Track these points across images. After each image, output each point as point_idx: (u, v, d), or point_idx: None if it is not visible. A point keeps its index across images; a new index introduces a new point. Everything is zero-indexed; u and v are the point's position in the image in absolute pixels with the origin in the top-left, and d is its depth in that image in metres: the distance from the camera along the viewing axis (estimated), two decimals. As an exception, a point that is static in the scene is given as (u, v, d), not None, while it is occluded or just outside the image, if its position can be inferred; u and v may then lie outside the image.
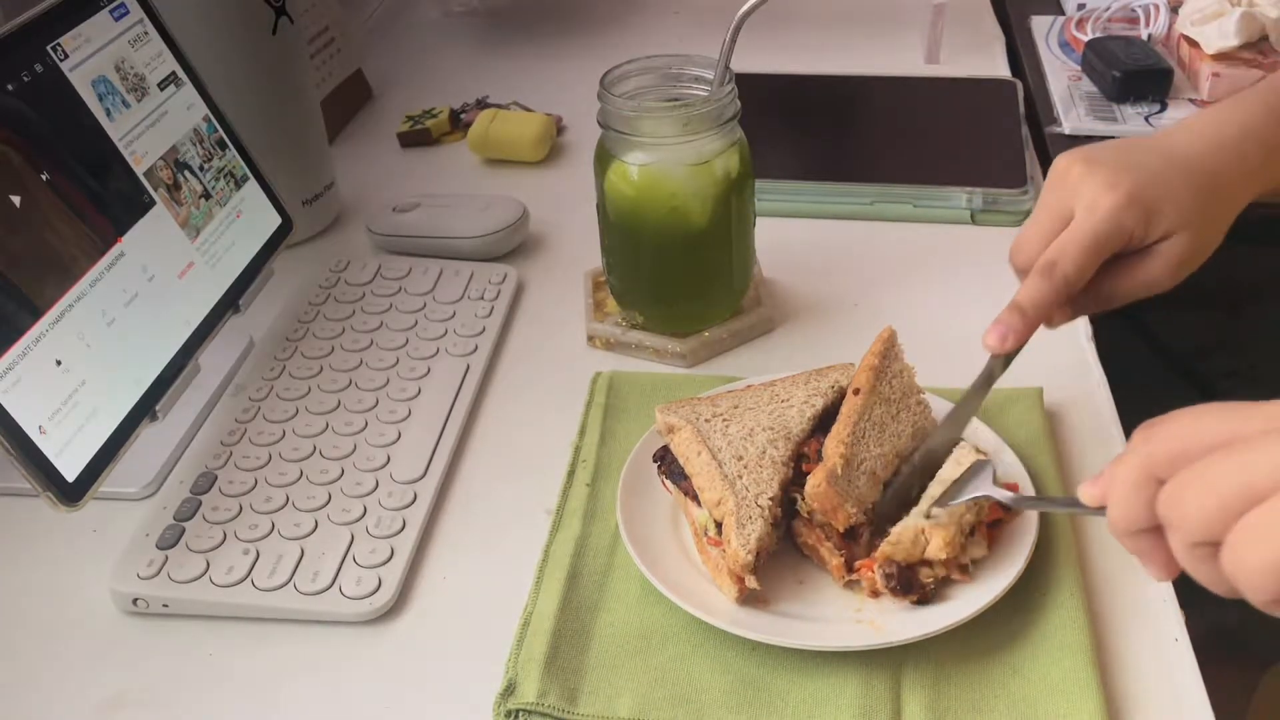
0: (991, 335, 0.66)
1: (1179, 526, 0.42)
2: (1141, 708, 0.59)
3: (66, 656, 0.65)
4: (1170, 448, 0.43)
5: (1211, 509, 0.41)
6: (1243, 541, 0.40)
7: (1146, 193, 0.66)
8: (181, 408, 0.77)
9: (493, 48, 1.39)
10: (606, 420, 0.78)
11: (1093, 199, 0.66)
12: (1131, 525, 0.45)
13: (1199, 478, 0.42)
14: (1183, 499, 0.42)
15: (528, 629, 0.63)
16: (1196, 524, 0.41)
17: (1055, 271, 0.66)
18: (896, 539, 0.61)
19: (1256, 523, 0.39)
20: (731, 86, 0.79)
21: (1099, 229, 0.65)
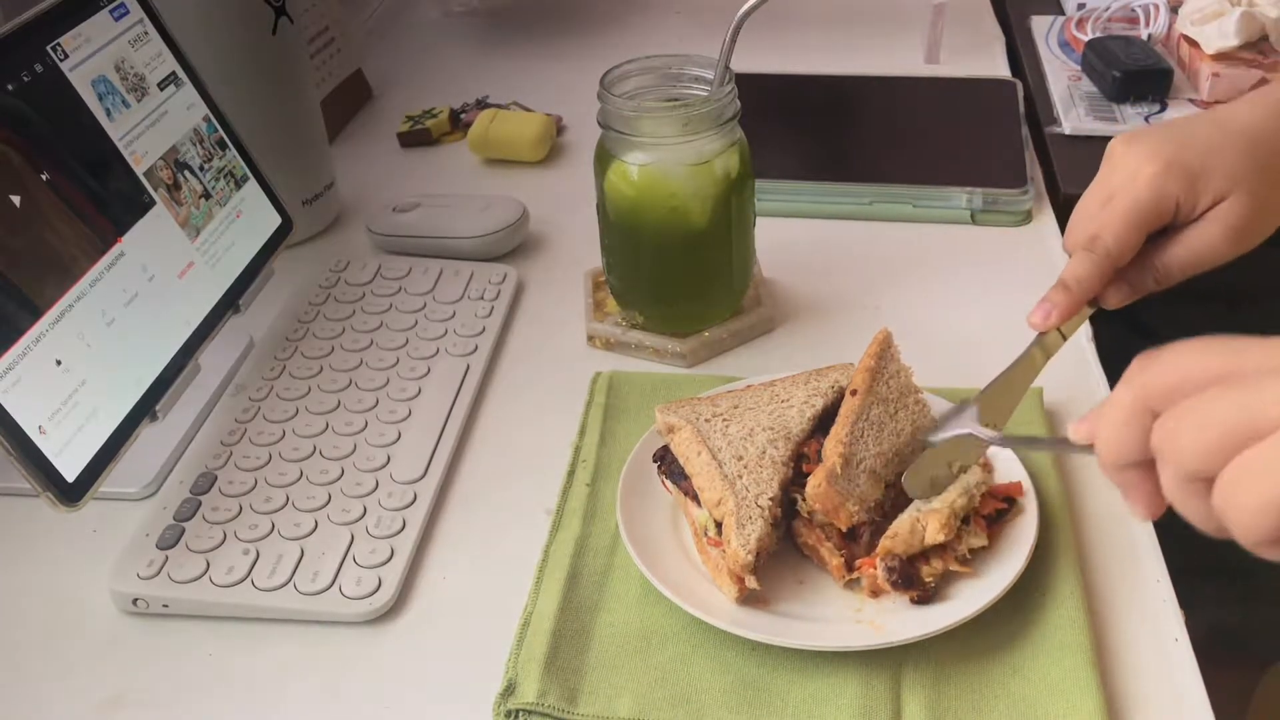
0: (1036, 313, 0.65)
1: (1173, 459, 0.42)
2: (1141, 708, 0.59)
3: (66, 656, 0.65)
4: (1167, 380, 0.42)
5: (1208, 443, 0.40)
6: (1237, 478, 0.39)
7: (1190, 158, 0.64)
8: (181, 408, 0.77)
9: (493, 48, 1.39)
10: (606, 420, 0.78)
11: (1134, 171, 0.64)
12: (1122, 457, 0.44)
13: (1197, 411, 0.41)
14: (1178, 431, 0.41)
15: (528, 629, 0.63)
16: (1191, 457, 0.41)
17: (1097, 245, 0.64)
18: (894, 531, 0.62)
19: (1253, 460, 0.39)
20: (731, 86, 0.79)
21: (1138, 198, 0.64)
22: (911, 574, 0.61)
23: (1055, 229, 0.98)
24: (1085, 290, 0.65)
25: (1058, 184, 1.04)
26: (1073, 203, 1.03)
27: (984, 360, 0.82)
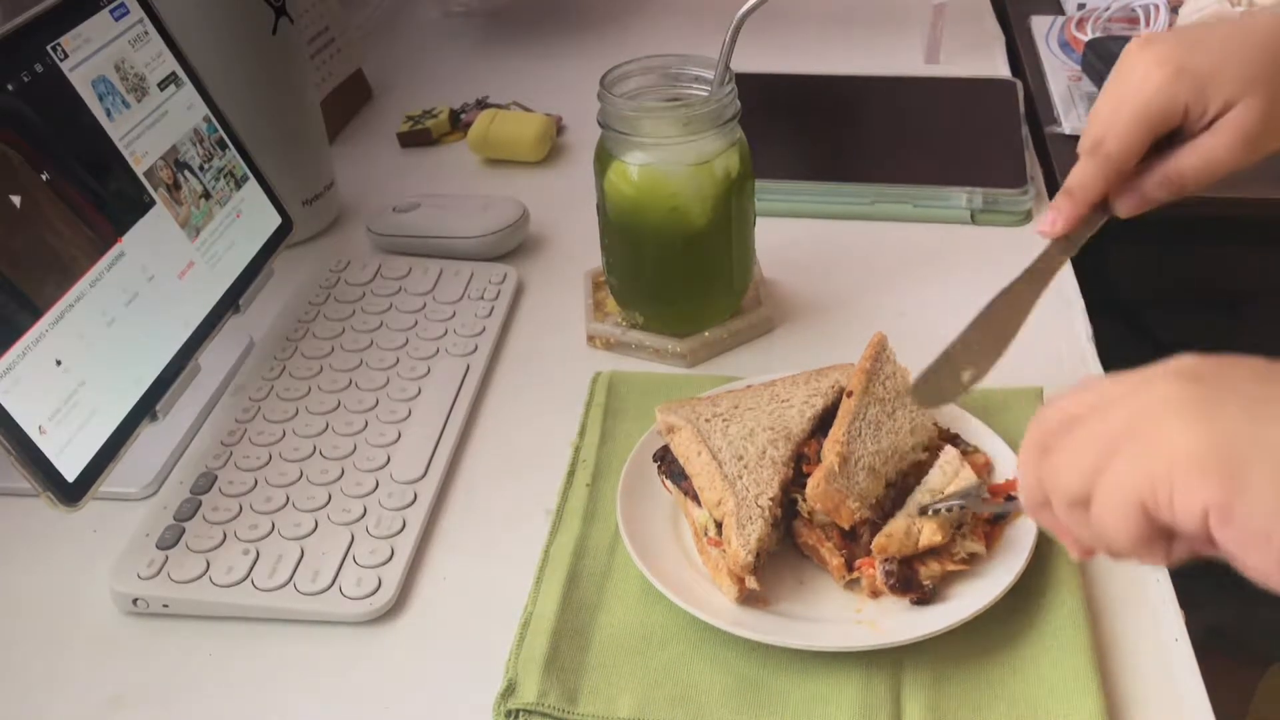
0: (1043, 220, 0.66)
1: (1055, 491, 0.45)
2: (1141, 708, 0.59)
3: (66, 656, 0.65)
4: (1051, 420, 0.46)
5: (1078, 468, 0.43)
6: (1101, 493, 0.43)
7: (1201, 62, 0.62)
8: (181, 408, 0.77)
9: (493, 48, 1.39)
10: (606, 420, 0.78)
11: (1144, 74, 0.63)
12: (1031, 500, 0.47)
13: (1066, 444, 0.44)
14: (1054, 465, 0.45)
15: (528, 629, 0.63)
16: (1067, 484, 0.44)
17: (1100, 149, 0.64)
18: (890, 530, 0.62)
19: (1111, 471, 0.42)
20: (731, 86, 0.79)
21: (1145, 100, 0.62)
22: (909, 576, 0.61)
23: (1055, 229, 0.98)
24: (1088, 194, 0.64)
25: (1058, 184, 1.04)
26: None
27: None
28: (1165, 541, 0.43)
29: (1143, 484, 0.41)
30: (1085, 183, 0.65)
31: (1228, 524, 0.40)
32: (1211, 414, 0.41)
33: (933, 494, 0.64)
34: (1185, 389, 0.42)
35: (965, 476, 0.65)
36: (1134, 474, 0.42)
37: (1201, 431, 0.41)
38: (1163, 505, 0.41)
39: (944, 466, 0.66)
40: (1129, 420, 0.43)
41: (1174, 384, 0.43)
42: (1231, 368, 0.43)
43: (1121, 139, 0.63)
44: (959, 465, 0.66)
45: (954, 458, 0.66)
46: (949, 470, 0.65)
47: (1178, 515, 0.41)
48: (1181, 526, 0.41)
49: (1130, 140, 0.63)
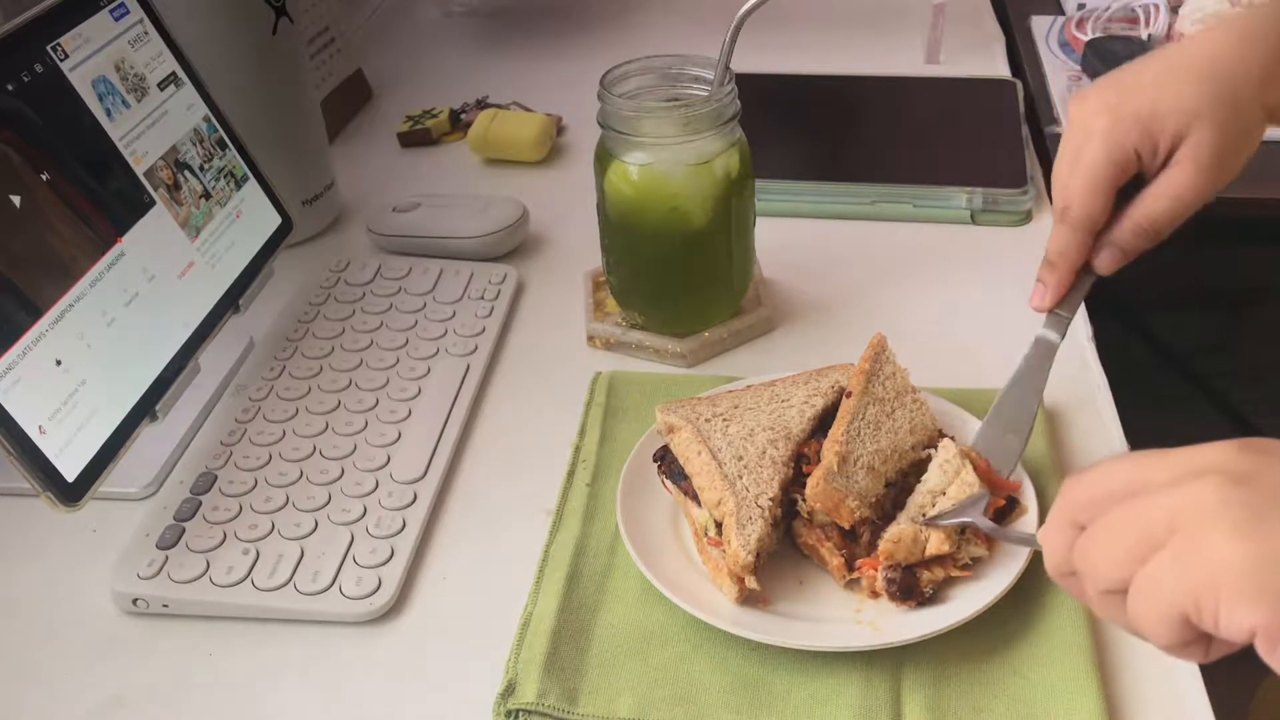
0: (1032, 297, 0.66)
1: (1088, 575, 0.44)
2: (1141, 708, 0.59)
3: (66, 656, 0.65)
4: (1084, 495, 0.44)
5: (1114, 559, 0.42)
6: (1139, 591, 0.41)
7: (1139, 103, 0.62)
8: (181, 408, 0.77)
9: (493, 48, 1.39)
10: (606, 420, 0.78)
11: (1084, 130, 0.63)
12: (1058, 569, 0.46)
13: (1103, 529, 0.43)
14: (1089, 550, 0.43)
15: (528, 629, 0.63)
16: (1102, 573, 0.43)
17: (1067, 216, 0.64)
18: (898, 537, 0.61)
19: (1151, 573, 0.41)
20: (731, 86, 0.79)
21: (1095, 158, 0.62)
22: (911, 584, 0.61)
23: (1055, 229, 0.98)
24: (1069, 262, 0.64)
25: (1058, 184, 1.04)
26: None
27: (984, 360, 0.82)
28: (1203, 643, 0.41)
29: (1185, 596, 0.39)
30: (1062, 250, 0.64)
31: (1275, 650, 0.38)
32: (1261, 528, 0.39)
33: (933, 495, 0.64)
34: (1233, 493, 0.40)
35: (967, 477, 0.64)
36: (1177, 583, 0.40)
37: (1251, 549, 0.38)
38: (1206, 619, 0.39)
39: (944, 466, 0.65)
40: (1171, 517, 0.40)
41: (1221, 486, 0.40)
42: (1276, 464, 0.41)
43: (1083, 201, 0.63)
44: (959, 464, 0.65)
45: (954, 455, 0.66)
46: (949, 470, 0.65)
47: (1222, 631, 0.39)
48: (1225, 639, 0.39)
49: (1091, 200, 0.63)
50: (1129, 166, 0.63)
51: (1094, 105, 0.63)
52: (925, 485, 0.65)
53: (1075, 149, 0.64)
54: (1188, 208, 0.63)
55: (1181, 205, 0.63)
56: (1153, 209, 0.63)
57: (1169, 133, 0.62)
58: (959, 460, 0.65)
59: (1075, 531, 0.45)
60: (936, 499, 0.64)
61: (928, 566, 0.62)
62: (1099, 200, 0.63)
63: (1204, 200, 0.63)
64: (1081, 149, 0.63)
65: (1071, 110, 0.65)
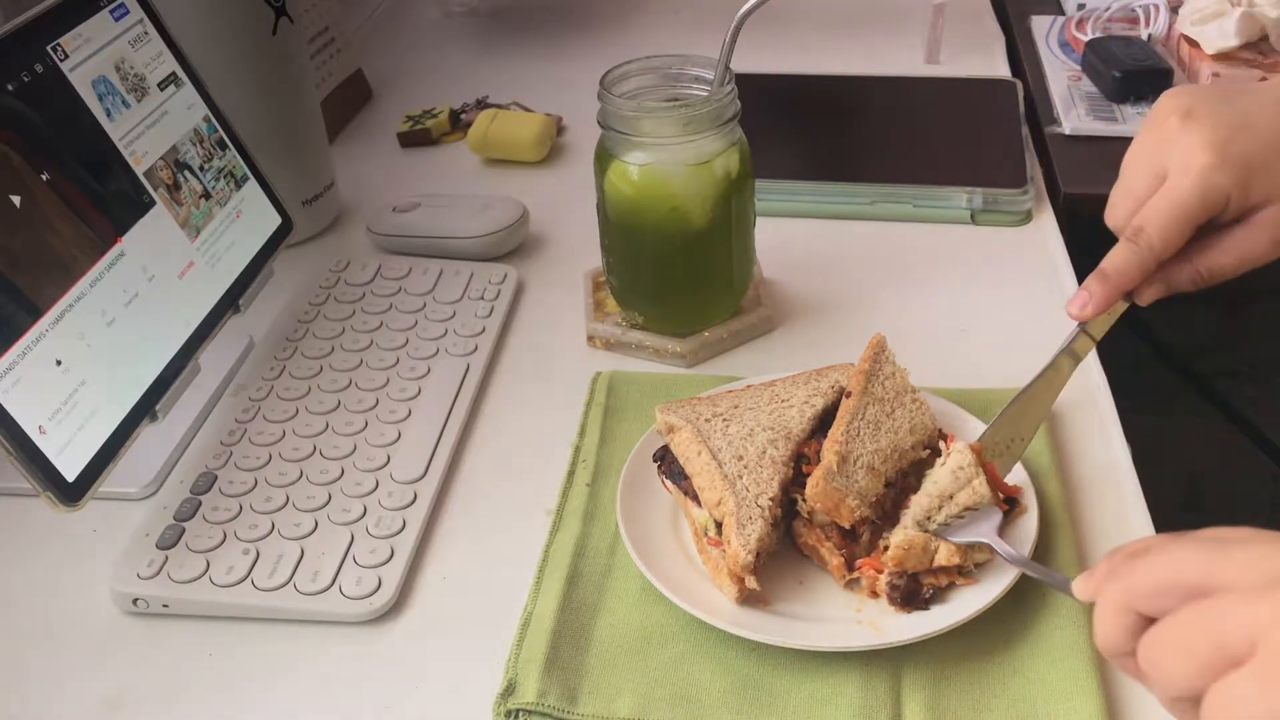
0: (1074, 302, 0.63)
1: (1159, 684, 0.42)
2: (1141, 708, 0.59)
3: (66, 656, 0.65)
4: (1150, 582, 0.43)
5: (1187, 671, 0.41)
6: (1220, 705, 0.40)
7: (1247, 153, 0.59)
8: (181, 408, 0.77)
9: (493, 48, 1.39)
10: (606, 420, 0.78)
11: (1186, 159, 0.60)
12: (1114, 650, 0.45)
13: (1174, 638, 0.41)
14: (1161, 659, 0.42)
15: (528, 629, 0.63)
16: (1174, 683, 0.41)
17: (1141, 238, 0.61)
18: (908, 544, 0.61)
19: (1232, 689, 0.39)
20: (731, 86, 0.79)
21: (1189, 192, 0.60)
22: (914, 590, 0.61)
23: (1055, 229, 0.98)
24: (1125, 282, 0.62)
25: (1058, 184, 1.04)
26: (1073, 203, 1.03)
27: (984, 359, 0.82)
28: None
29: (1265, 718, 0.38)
30: (1123, 269, 0.62)
31: None
32: None
33: (940, 499, 0.63)
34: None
35: (978, 489, 0.63)
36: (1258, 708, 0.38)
37: None
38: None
39: (957, 472, 0.63)
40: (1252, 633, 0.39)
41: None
42: None
43: (1164, 231, 0.61)
44: (974, 473, 0.63)
45: (970, 463, 0.64)
46: (962, 477, 0.63)
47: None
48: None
49: (1174, 233, 0.61)
50: (1217, 209, 0.61)
51: (1200, 136, 0.60)
52: (935, 488, 0.63)
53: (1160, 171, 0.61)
54: (1250, 266, 0.62)
55: (1246, 264, 0.62)
56: (1217, 262, 0.62)
57: (1265, 191, 0.60)
58: (974, 469, 0.64)
59: (1135, 618, 0.43)
60: (944, 503, 0.63)
61: (932, 573, 0.62)
62: (1180, 233, 0.61)
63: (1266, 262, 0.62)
64: (1174, 177, 0.61)
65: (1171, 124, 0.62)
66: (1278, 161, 0.60)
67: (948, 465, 0.64)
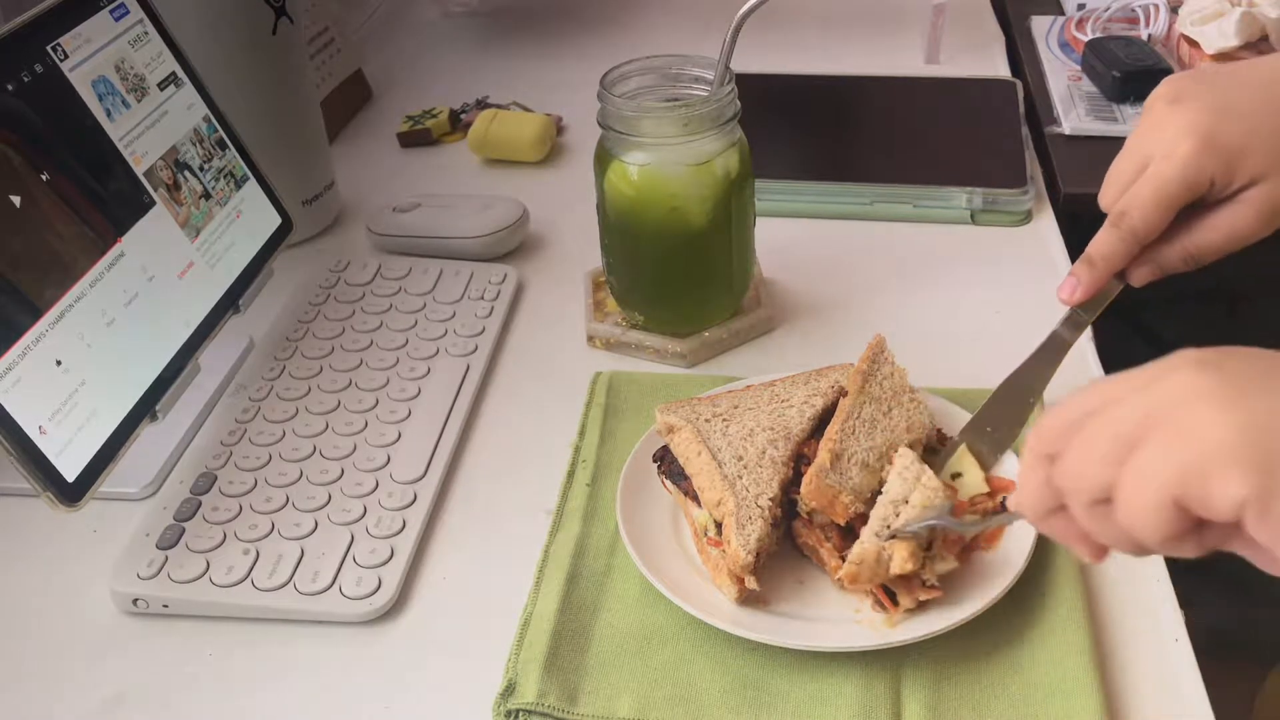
0: (1063, 288, 0.65)
1: (1072, 491, 0.44)
2: (1141, 708, 0.59)
3: (66, 656, 0.65)
4: (1055, 424, 0.45)
5: (1093, 465, 0.42)
6: (1127, 488, 0.41)
7: (1230, 134, 0.61)
8: (181, 408, 0.77)
9: (493, 48, 1.39)
10: (606, 420, 0.78)
11: (1171, 144, 0.62)
12: (1039, 507, 0.46)
13: (1078, 447, 0.43)
14: (1068, 465, 0.44)
15: (528, 629, 0.63)
16: (1084, 484, 0.43)
17: (1124, 221, 0.63)
18: (860, 559, 0.60)
19: (1137, 465, 0.41)
20: (731, 86, 0.79)
21: (1170, 177, 0.61)
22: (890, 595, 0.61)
23: (1055, 229, 0.98)
24: (1110, 266, 0.64)
25: (1058, 184, 1.04)
26: (1073, 203, 1.03)
27: (983, 360, 0.82)
28: (1196, 534, 0.41)
29: (1174, 477, 0.40)
30: (1107, 253, 0.64)
31: (1265, 517, 0.38)
32: (1240, 402, 0.40)
33: (895, 505, 0.62)
34: (1208, 377, 0.41)
35: (928, 481, 0.62)
36: (1165, 466, 0.40)
37: (1233, 421, 0.39)
38: (1196, 499, 0.39)
39: (903, 474, 0.63)
40: (1149, 410, 0.41)
41: (1195, 373, 0.41)
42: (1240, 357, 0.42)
43: (1146, 214, 0.62)
44: (919, 469, 0.63)
45: (911, 461, 0.64)
46: (909, 476, 0.63)
47: (1213, 509, 0.39)
48: (1216, 519, 0.40)
49: (1155, 216, 0.62)
50: (1200, 191, 0.62)
51: (1185, 121, 0.62)
52: (886, 496, 0.62)
53: (1146, 155, 0.63)
54: (1236, 246, 0.63)
55: (1234, 242, 0.63)
56: (1205, 239, 0.63)
57: (1249, 173, 0.61)
58: (917, 465, 0.63)
59: (1049, 464, 0.45)
60: (899, 509, 0.62)
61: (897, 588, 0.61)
62: (1162, 217, 0.63)
63: (1251, 242, 0.63)
64: (1157, 162, 0.62)
65: (1159, 109, 0.63)
66: (1260, 143, 0.61)
67: (893, 470, 0.64)
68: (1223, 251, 0.63)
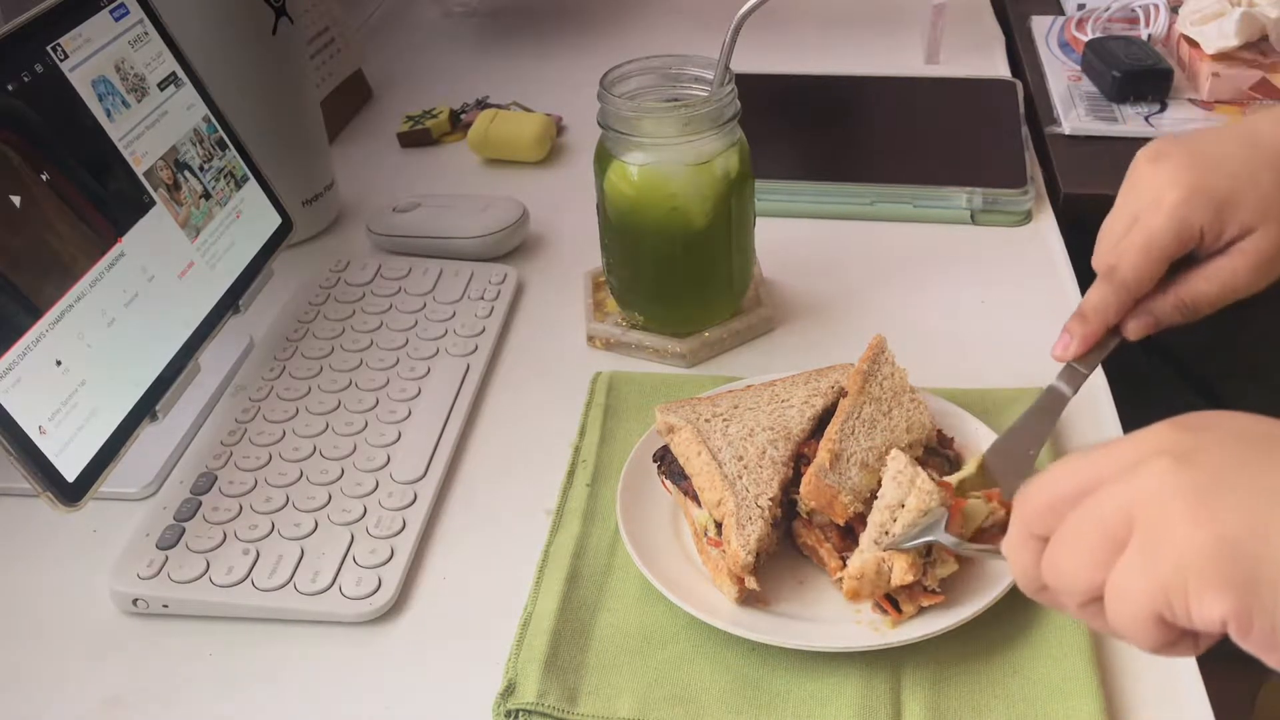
0: (1057, 345, 0.65)
1: (1063, 591, 0.43)
2: (1141, 708, 0.59)
3: (66, 656, 0.65)
4: (1038, 504, 0.44)
5: (1082, 569, 0.41)
6: (1113, 598, 0.40)
7: (1218, 184, 0.61)
8: (181, 408, 0.77)
9: (493, 48, 1.39)
10: (606, 420, 0.78)
11: (1156, 196, 0.62)
12: (1031, 586, 0.45)
13: (1064, 539, 0.42)
14: (1056, 564, 0.43)
15: (528, 629, 0.63)
16: (1076, 587, 0.42)
17: (1115, 275, 0.63)
18: (860, 573, 0.60)
19: (1119, 578, 0.40)
20: (731, 86, 0.79)
21: (1158, 227, 0.61)
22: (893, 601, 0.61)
23: (1055, 229, 0.98)
24: (1103, 319, 0.64)
25: (1058, 184, 1.04)
26: (1073, 203, 1.03)
27: (983, 360, 0.82)
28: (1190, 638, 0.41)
29: (1156, 595, 0.39)
30: (1099, 307, 0.64)
31: (1247, 635, 0.38)
32: (1213, 508, 0.38)
33: (891, 510, 0.62)
34: (1180, 476, 0.39)
35: (922, 484, 0.62)
36: (1144, 585, 0.39)
37: (1205, 534, 0.38)
38: (1179, 616, 0.39)
39: (897, 478, 0.63)
40: (1127, 511, 0.40)
41: (1167, 471, 0.40)
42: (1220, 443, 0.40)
43: (1136, 267, 0.62)
44: (913, 472, 0.63)
45: (905, 464, 0.63)
46: (904, 480, 0.62)
47: (1196, 624, 0.39)
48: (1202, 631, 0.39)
49: (1146, 268, 0.62)
50: (1190, 243, 0.62)
51: (1168, 175, 0.62)
52: (881, 501, 0.62)
53: (1134, 212, 0.63)
54: (1231, 297, 0.63)
55: (1228, 293, 0.63)
56: (1200, 290, 0.63)
57: (1238, 223, 0.61)
58: (911, 469, 0.63)
59: (1038, 543, 0.44)
60: (896, 513, 0.61)
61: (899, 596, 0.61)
62: (1152, 270, 0.63)
63: (1247, 294, 0.63)
64: (1144, 215, 0.62)
65: (1141, 168, 0.63)
66: (1248, 193, 0.61)
67: (887, 474, 0.63)
68: (1217, 303, 0.63)
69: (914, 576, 0.59)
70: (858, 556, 0.60)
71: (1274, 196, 0.61)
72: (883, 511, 0.62)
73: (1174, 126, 1.09)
